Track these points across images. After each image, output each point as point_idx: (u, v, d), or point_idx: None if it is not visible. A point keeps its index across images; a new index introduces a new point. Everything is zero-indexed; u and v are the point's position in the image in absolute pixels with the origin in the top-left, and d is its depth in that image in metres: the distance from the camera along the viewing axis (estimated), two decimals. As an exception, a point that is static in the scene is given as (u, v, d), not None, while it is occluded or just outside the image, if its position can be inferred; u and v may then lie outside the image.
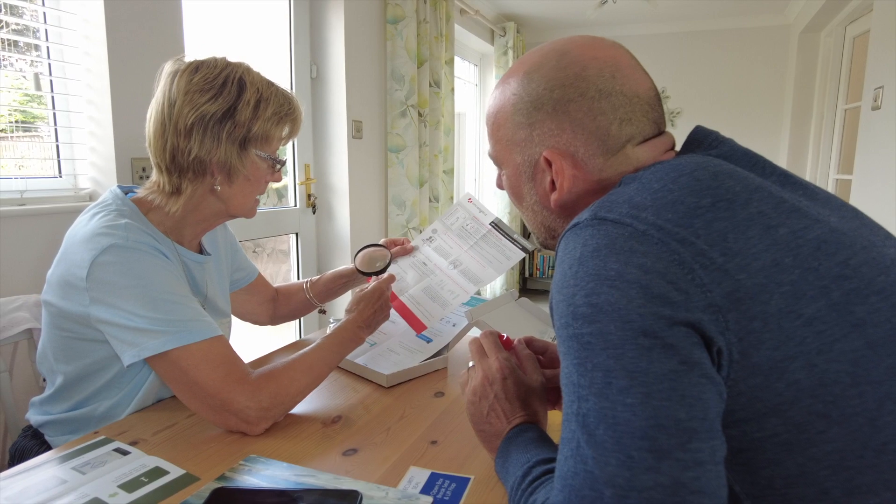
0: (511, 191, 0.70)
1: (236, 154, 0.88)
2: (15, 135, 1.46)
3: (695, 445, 0.44)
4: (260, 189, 0.96)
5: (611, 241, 0.50)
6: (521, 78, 0.64)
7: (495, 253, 1.12)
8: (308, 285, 1.28)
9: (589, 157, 0.61)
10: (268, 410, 0.82)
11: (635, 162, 0.62)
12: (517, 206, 0.71)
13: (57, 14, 1.46)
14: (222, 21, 2.08)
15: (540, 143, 0.63)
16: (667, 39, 4.49)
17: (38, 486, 0.66)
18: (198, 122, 0.86)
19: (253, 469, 0.70)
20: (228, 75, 0.88)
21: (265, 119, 0.89)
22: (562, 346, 0.51)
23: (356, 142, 2.60)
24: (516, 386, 0.70)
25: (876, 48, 2.74)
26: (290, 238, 2.52)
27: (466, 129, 4.54)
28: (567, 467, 0.47)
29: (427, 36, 2.88)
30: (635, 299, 0.47)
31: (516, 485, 0.59)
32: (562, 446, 0.49)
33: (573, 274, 0.51)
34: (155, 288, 0.81)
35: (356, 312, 0.99)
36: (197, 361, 0.80)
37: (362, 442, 0.80)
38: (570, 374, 0.49)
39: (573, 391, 0.48)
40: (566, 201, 0.64)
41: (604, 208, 0.54)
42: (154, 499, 0.64)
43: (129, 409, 0.89)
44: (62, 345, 0.88)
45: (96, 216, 0.85)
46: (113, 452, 0.74)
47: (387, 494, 0.64)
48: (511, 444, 0.65)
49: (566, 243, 0.54)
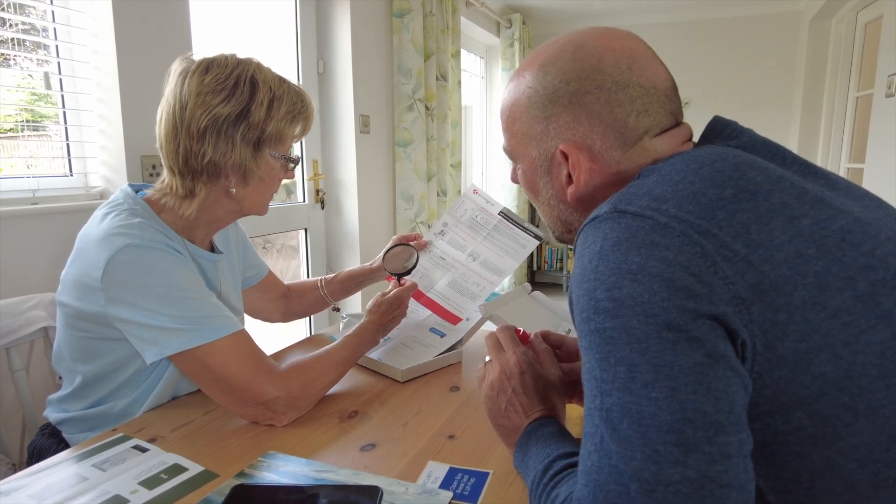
0: (526, 185, 0.69)
1: (251, 156, 0.87)
2: (25, 134, 1.46)
3: (722, 439, 0.43)
4: (274, 188, 0.96)
5: (632, 235, 0.50)
6: (537, 71, 0.63)
7: (510, 242, 1.13)
8: (322, 283, 1.28)
9: (606, 149, 0.61)
10: (297, 400, 0.84)
11: (653, 153, 0.61)
12: (533, 200, 0.70)
13: (66, 13, 1.46)
14: (229, 18, 2.08)
15: (556, 137, 0.62)
16: (674, 28, 4.44)
17: (60, 484, 0.66)
18: (211, 124, 0.84)
19: (272, 465, 0.70)
20: (240, 75, 0.86)
21: (279, 119, 0.88)
22: (583, 341, 0.51)
23: (364, 136, 2.59)
24: (534, 380, 0.69)
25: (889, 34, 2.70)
26: (300, 234, 2.52)
27: (473, 123, 4.53)
28: (591, 462, 0.47)
29: (433, 29, 2.86)
30: (658, 293, 0.46)
31: (537, 479, 0.59)
32: (585, 441, 0.49)
33: (594, 268, 0.50)
34: (174, 285, 0.81)
35: (377, 315, 1.01)
36: (224, 357, 0.81)
37: (380, 437, 0.80)
38: (591, 370, 0.49)
39: (595, 386, 0.48)
40: (583, 195, 0.63)
41: (623, 201, 0.53)
42: (174, 496, 0.65)
43: (146, 405, 0.89)
44: (79, 345, 0.88)
45: (109, 216, 0.85)
46: (132, 450, 0.75)
47: (407, 489, 0.64)
48: (531, 438, 0.65)
49: (585, 237, 0.54)
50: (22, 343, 1.13)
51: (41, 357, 1.23)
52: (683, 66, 4.45)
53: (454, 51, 3.19)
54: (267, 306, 1.27)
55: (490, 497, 0.65)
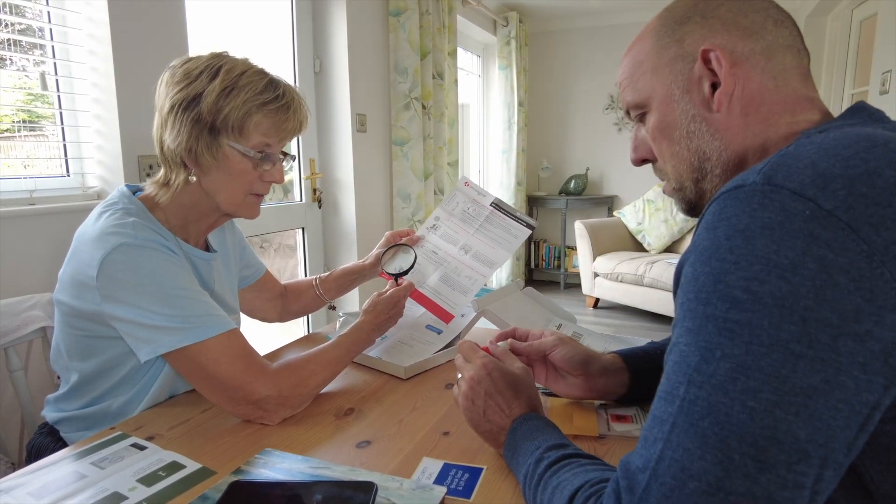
0: (660, 126, 0.63)
1: (205, 143, 0.87)
2: (21, 134, 1.47)
3: (802, 468, 0.40)
4: (244, 185, 0.92)
5: (787, 219, 0.43)
6: (661, 14, 0.64)
7: (502, 233, 1.13)
8: (318, 282, 1.29)
9: (748, 54, 0.58)
10: (288, 399, 0.84)
11: (802, 90, 0.58)
12: (663, 148, 0.64)
13: (61, 13, 1.47)
14: (225, 17, 2.08)
15: (693, 50, 0.60)
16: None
17: (59, 482, 0.67)
18: (169, 111, 0.87)
19: (268, 462, 0.71)
20: (210, 66, 0.87)
21: (236, 107, 0.86)
22: (687, 321, 0.46)
23: (360, 135, 2.60)
24: (502, 377, 0.72)
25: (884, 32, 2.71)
26: (297, 233, 2.53)
27: (471, 121, 4.53)
28: (653, 450, 0.44)
29: (430, 27, 2.87)
30: (805, 298, 0.41)
31: (530, 472, 0.60)
32: (652, 425, 0.46)
33: (731, 248, 0.44)
34: (168, 284, 0.82)
35: (372, 314, 1.01)
36: (216, 355, 0.82)
37: (375, 434, 0.81)
38: (687, 354, 0.45)
39: (685, 372, 0.44)
40: (731, 107, 0.58)
41: (780, 171, 0.45)
42: (172, 493, 0.65)
43: (143, 404, 0.90)
44: (76, 343, 0.89)
45: (104, 215, 0.86)
46: (130, 448, 0.75)
47: (401, 485, 0.65)
48: (516, 434, 0.66)
49: (724, 206, 0.46)
50: (20, 343, 1.14)
51: (39, 357, 1.24)
52: (680, 63, 4.45)
53: (451, 49, 3.20)
54: (264, 305, 1.27)
55: (483, 492, 0.66)
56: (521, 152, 4.62)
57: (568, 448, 0.60)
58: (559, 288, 4.90)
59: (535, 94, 4.95)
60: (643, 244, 4.31)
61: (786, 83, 0.58)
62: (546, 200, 4.86)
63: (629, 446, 0.76)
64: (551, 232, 5.13)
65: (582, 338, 1.08)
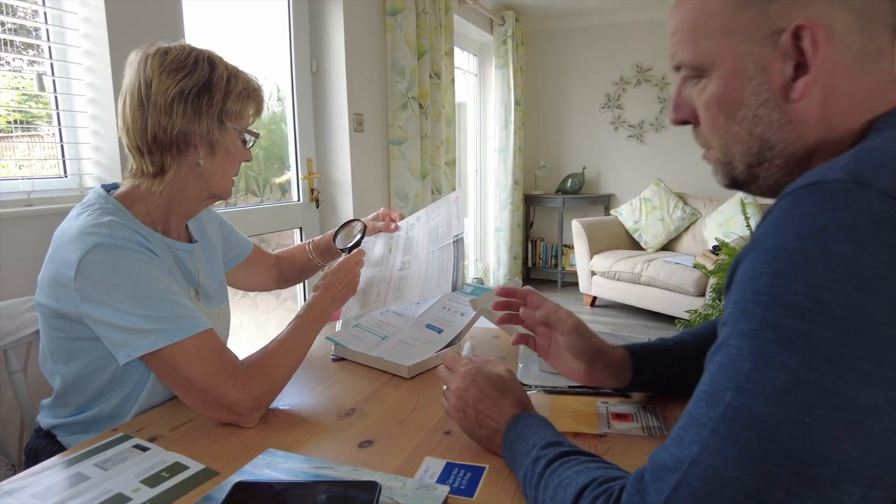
0: (720, 100, 0.54)
1: (217, 127, 0.91)
2: (15, 135, 1.46)
3: (848, 487, 0.38)
4: (235, 166, 0.98)
5: (872, 223, 0.39)
6: None
7: (436, 276, 1.07)
8: (310, 246, 1.32)
9: (845, 31, 0.48)
10: (259, 400, 0.83)
11: (891, 72, 0.50)
12: (718, 123, 0.55)
13: (58, 14, 1.46)
14: (222, 17, 2.08)
15: (782, 18, 0.49)
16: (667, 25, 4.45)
17: (62, 483, 0.67)
18: (178, 96, 0.88)
19: (272, 462, 0.71)
20: (198, 55, 0.91)
21: (237, 94, 0.92)
22: (742, 323, 0.42)
23: (358, 135, 2.60)
24: (487, 382, 0.73)
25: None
26: (295, 233, 2.52)
27: (468, 120, 4.53)
28: (687, 451, 0.42)
29: (426, 27, 2.87)
30: (880, 314, 0.38)
31: (529, 471, 0.60)
32: (688, 425, 0.44)
33: (802, 249, 0.40)
34: (143, 284, 0.82)
35: (322, 288, 1.01)
36: (188, 358, 0.81)
37: (377, 434, 0.81)
38: (738, 359, 0.42)
39: (733, 378, 0.42)
40: (812, 98, 0.50)
41: (867, 168, 0.41)
42: (176, 493, 0.66)
43: (138, 405, 0.90)
44: (58, 346, 0.89)
45: (80, 216, 0.86)
46: (133, 449, 0.76)
47: (404, 484, 0.65)
48: (511, 435, 0.67)
49: (800, 203, 0.42)
50: (19, 345, 1.13)
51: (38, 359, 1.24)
52: (676, 62, 4.47)
53: (447, 49, 3.20)
54: (260, 279, 1.30)
55: (486, 490, 0.66)
56: (518, 151, 4.63)
57: (564, 445, 0.61)
58: (556, 286, 4.91)
59: (531, 93, 4.96)
60: (640, 242, 4.33)
61: (877, 66, 0.50)
62: (543, 199, 4.86)
63: (629, 445, 0.77)
64: (548, 231, 5.14)
65: (581, 337, 1.08)
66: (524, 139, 4.89)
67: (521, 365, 1.04)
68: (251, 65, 2.21)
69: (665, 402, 0.89)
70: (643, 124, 4.66)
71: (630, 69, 4.63)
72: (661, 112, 4.59)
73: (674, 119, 0.60)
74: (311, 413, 0.88)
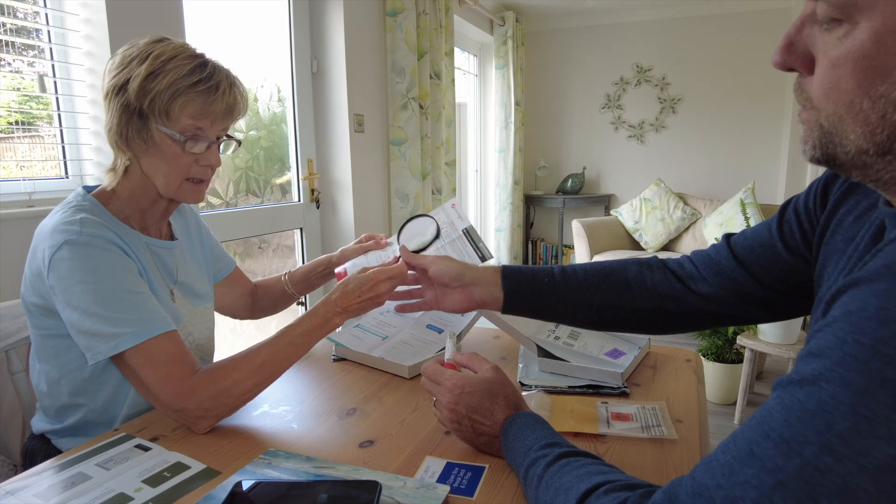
0: (862, 58, 0.40)
1: (135, 128, 0.88)
2: (17, 136, 1.47)
3: None
4: (180, 169, 0.91)
5: None
6: None
7: (456, 256, 1.08)
8: (287, 277, 1.25)
9: None
10: (208, 410, 0.80)
11: None
12: (842, 86, 0.42)
13: (59, 15, 1.47)
14: (223, 18, 2.08)
15: None
16: (667, 25, 4.46)
17: (65, 483, 0.68)
18: (107, 94, 0.89)
19: (273, 462, 0.71)
20: (142, 51, 0.87)
21: (161, 91, 0.85)
22: (845, 368, 0.36)
23: (358, 136, 2.60)
24: (475, 389, 0.72)
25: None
26: (295, 233, 2.53)
27: (468, 121, 4.54)
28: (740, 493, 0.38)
29: (427, 28, 2.87)
30: None
31: (528, 473, 0.60)
32: (744, 457, 0.39)
33: None
34: (106, 284, 0.81)
35: (338, 295, 0.88)
36: (143, 360, 0.80)
37: (378, 433, 0.81)
38: (831, 412, 0.35)
39: (821, 433, 0.35)
40: None
41: None
42: (178, 493, 0.66)
43: (126, 406, 0.90)
44: (39, 343, 0.90)
45: (56, 213, 0.87)
46: (135, 449, 0.76)
47: (405, 484, 0.66)
48: (507, 438, 0.68)
49: None
50: (20, 346, 1.14)
51: (40, 359, 1.24)
52: (676, 63, 4.47)
53: (448, 49, 3.20)
54: (235, 301, 1.24)
55: (486, 490, 0.67)
56: (519, 151, 4.63)
57: (562, 445, 0.61)
58: (557, 287, 4.90)
59: (531, 94, 4.96)
60: (640, 243, 4.33)
61: None
62: (543, 199, 4.86)
63: (629, 445, 0.77)
64: (548, 231, 5.14)
65: (580, 336, 1.09)
66: (524, 139, 4.89)
67: (522, 365, 1.04)
68: (252, 65, 2.21)
69: (668, 402, 0.89)
70: (643, 124, 4.67)
71: (630, 69, 4.63)
72: (660, 112, 4.60)
73: (779, 62, 0.47)
74: (313, 413, 0.88)
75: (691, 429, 0.82)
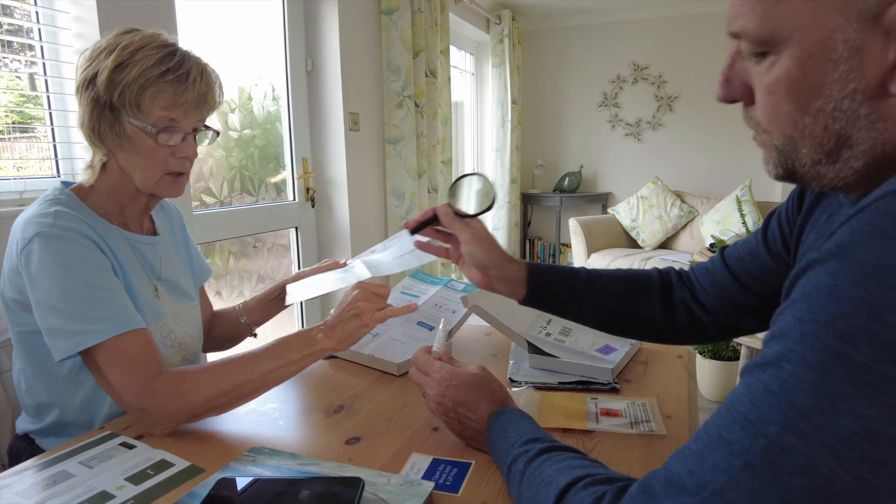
0: (791, 84, 0.44)
1: (107, 123, 0.86)
2: (11, 136, 1.46)
3: None
4: (157, 163, 0.89)
5: None
6: None
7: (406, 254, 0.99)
8: (241, 307, 1.16)
9: None
10: (168, 416, 0.78)
11: None
12: (781, 110, 0.46)
13: (50, 13, 1.46)
14: (216, 17, 2.08)
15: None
16: (664, 23, 4.46)
17: (46, 481, 0.67)
18: (77, 88, 0.87)
19: (258, 459, 0.71)
20: (111, 44, 0.85)
21: (129, 83, 0.83)
22: (805, 347, 0.36)
23: (353, 134, 2.59)
24: (461, 384, 0.72)
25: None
26: (290, 232, 2.52)
27: (465, 119, 4.53)
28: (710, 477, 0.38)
29: (422, 26, 2.87)
30: None
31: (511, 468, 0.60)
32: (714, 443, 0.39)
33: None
34: (74, 278, 0.80)
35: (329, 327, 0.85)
36: (108, 358, 0.79)
37: (365, 430, 0.81)
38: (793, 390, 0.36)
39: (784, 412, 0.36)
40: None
41: None
42: (160, 491, 0.65)
43: (106, 406, 0.89)
44: (18, 340, 0.89)
45: (32, 207, 0.86)
46: (119, 447, 0.75)
47: (389, 480, 0.65)
48: (492, 433, 0.68)
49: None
50: (8, 344, 1.13)
51: (30, 358, 1.23)
52: (673, 61, 4.47)
53: (443, 47, 3.19)
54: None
55: (471, 486, 0.66)
56: (516, 150, 4.62)
57: (544, 441, 0.60)
58: (554, 285, 4.90)
59: (528, 92, 4.95)
60: (637, 241, 4.32)
61: None
62: (540, 198, 4.86)
63: (618, 441, 0.76)
64: (546, 229, 5.13)
65: (572, 332, 1.08)
66: (521, 138, 4.89)
67: (512, 362, 1.03)
68: (246, 64, 2.21)
69: (658, 398, 0.89)
70: (640, 122, 4.66)
71: (627, 67, 4.62)
72: (657, 110, 4.59)
73: (721, 96, 0.51)
74: (300, 410, 0.88)
75: (681, 424, 0.81)
